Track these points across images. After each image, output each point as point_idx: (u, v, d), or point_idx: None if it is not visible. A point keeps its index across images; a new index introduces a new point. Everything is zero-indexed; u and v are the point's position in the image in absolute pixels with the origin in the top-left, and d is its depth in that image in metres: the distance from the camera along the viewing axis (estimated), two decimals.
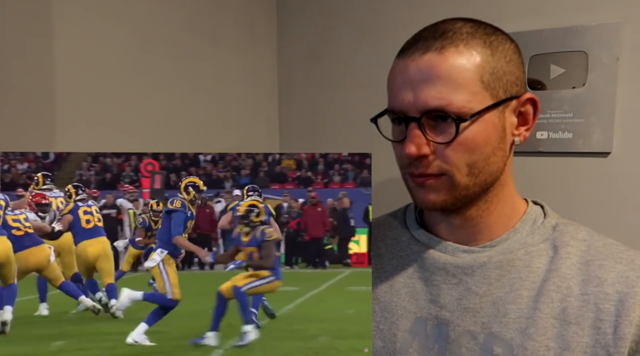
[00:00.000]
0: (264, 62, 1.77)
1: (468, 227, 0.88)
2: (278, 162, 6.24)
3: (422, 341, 0.87)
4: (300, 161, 6.28)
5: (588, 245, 0.85)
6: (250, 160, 6.20)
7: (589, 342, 0.78)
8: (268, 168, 6.26)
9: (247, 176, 6.12)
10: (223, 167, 6.18)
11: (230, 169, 6.15)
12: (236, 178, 6.05)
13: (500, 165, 0.83)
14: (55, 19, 1.29)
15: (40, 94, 1.29)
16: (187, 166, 6.04)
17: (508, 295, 0.83)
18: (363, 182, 6.02)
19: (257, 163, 6.25)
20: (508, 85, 0.80)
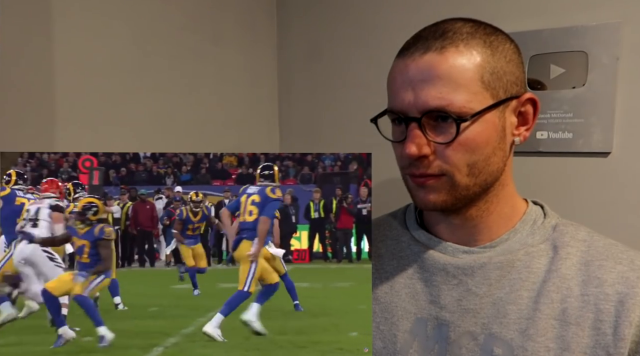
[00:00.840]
0: (264, 62, 1.77)
1: (468, 227, 0.88)
2: (219, 158, 6.23)
3: (422, 342, 0.87)
4: (241, 158, 6.26)
5: (588, 246, 0.85)
6: (191, 157, 6.19)
7: (588, 343, 0.78)
8: (209, 165, 6.25)
9: (188, 173, 6.14)
10: (164, 163, 6.16)
11: (171, 166, 6.14)
12: (177, 175, 6.06)
13: (500, 165, 0.83)
14: (55, 19, 1.29)
15: (40, 94, 1.29)
16: (126, 162, 6.01)
17: (508, 296, 0.83)
18: (304, 179, 6.01)
19: (198, 160, 6.23)
20: (508, 85, 0.80)
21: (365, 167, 6.08)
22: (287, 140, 1.81)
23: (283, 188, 4.22)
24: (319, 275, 4.00)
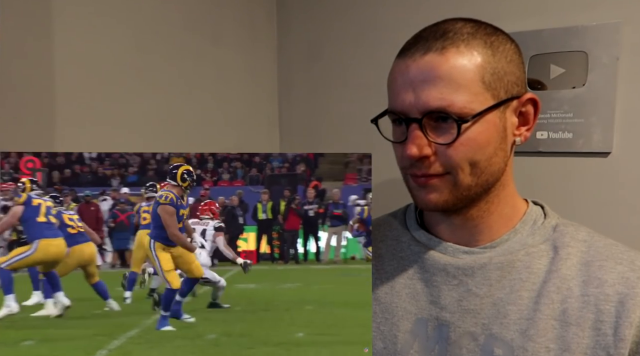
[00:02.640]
0: (264, 62, 1.77)
1: (468, 227, 0.88)
2: (166, 160, 6.12)
3: (422, 343, 0.87)
4: (189, 159, 6.24)
5: (588, 246, 0.85)
6: (138, 158, 6.13)
7: (589, 343, 0.78)
8: (157, 166, 6.17)
9: (135, 174, 6.06)
10: (110, 164, 6.08)
11: (117, 167, 6.06)
12: (124, 176, 5.98)
13: (501, 165, 0.83)
14: (55, 19, 1.29)
15: (40, 94, 1.29)
16: (71, 163, 5.92)
17: (508, 296, 0.83)
18: (252, 181, 5.98)
19: (144, 161, 6.16)
20: (509, 86, 0.80)
21: (312, 168, 6.10)
22: (287, 140, 1.81)
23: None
24: (265, 276, 4.00)
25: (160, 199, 2.05)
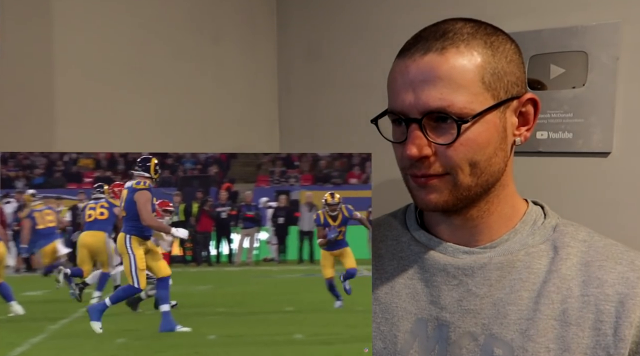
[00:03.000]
0: (264, 62, 1.77)
1: (468, 227, 0.88)
2: (74, 161, 6.10)
3: (422, 343, 0.87)
4: (98, 160, 6.12)
5: (588, 246, 0.85)
6: (44, 159, 6.04)
7: (589, 343, 0.78)
8: (65, 167, 6.10)
9: (41, 175, 5.97)
10: (14, 165, 5.96)
11: (21, 168, 5.95)
12: (30, 178, 5.89)
13: (501, 165, 0.83)
14: (55, 19, 1.29)
15: (40, 94, 1.29)
16: None
17: (508, 296, 0.83)
18: (164, 182, 5.86)
19: (51, 163, 6.07)
20: (509, 86, 0.80)
21: (225, 170, 6.08)
22: (287, 140, 1.81)
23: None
24: (178, 278, 4.00)
25: (138, 185, 2.03)
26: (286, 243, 5.40)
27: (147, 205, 2.01)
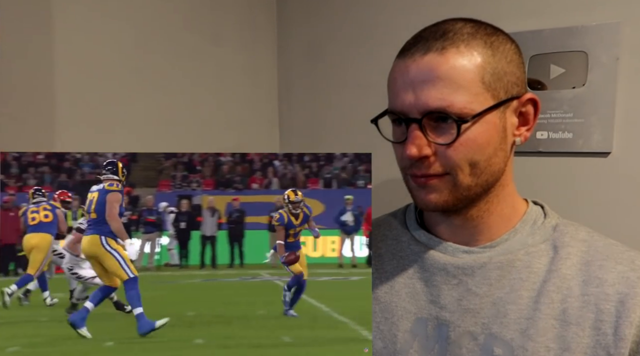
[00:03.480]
0: (264, 62, 1.77)
1: (468, 227, 0.88)
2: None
3: (422, 342, 0.87)
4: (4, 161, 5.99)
5: (588, 246, 0.85)
6: None
7: (589, 343, 0.78)
8: None
9: None
10: None
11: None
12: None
13: (501, 165, 0.83)
14: (55, 19, 1.29)
15: (40, 94, 1.29)
16: None
17: (508, 296, 0.83)
18: (61, 186, 5.71)
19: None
20: (509, 86, 0.80)
21: (126, 175, 6.00)
22: (287, 140, 1.81)
23: None
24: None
25: (111, 187, 2.07)
26: (188, 248, 5.40)
27: (115, 204, 2.06)
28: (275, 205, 5.62)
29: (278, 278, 4.49)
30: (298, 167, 6.99)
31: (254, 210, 5.72)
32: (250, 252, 5.62)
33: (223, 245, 5.52)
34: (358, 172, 6.96)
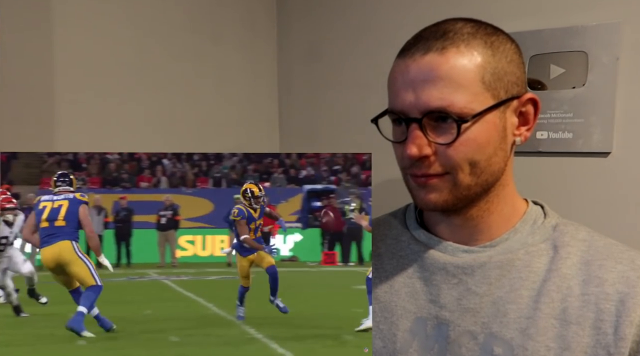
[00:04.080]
0: (264, 61, 1.77)
1: (468, 226, 0.88)
2: None
3: (422, 341, 0.87)
4: None
5: (588, 245, 0.85)
6: None
7: (589, 342, 0.78)
8: None
9: None
10: None
11: None
12: None
13: (501, 165, 0.83)
14: (55, 19, 1.29)
15: (40, 94, 1.29)
16: None
17: (508, 295, 0.83)
18: None
19: None
20: (509, 86, 0.80)
21: (4, 171, 5.93)
22: (287, 140, 1.81)
23: None
24: None
25: (83, 197, 2.17)
26: None
27: (90, 218, 2.18)
28: (164, 204, 5.66)
29: (166, 277, 4.50)
30: (187, 166, 6.92)
31: (142, 208, 5.70)
32: (137, 251, 5.59)
33: (109, 244, 5.47)
34: (247, 171, 6.93)
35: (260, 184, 2.67)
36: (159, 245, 5.63)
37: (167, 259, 5.60)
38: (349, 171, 7.12)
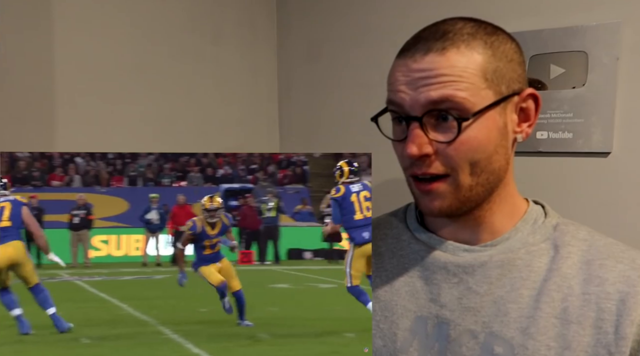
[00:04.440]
0: (264, 61, 1.77)
1: (469, 226, 0.88)
2: None
3: (422, 340, 0.87)
4: None
5: (589, 245, 0.85)
6: None
7: (590, 342, 0.78)
8: None
9: None
10: None
11: None
12: None
13: (502, 163, 0.83)
14: (55, 19, 1.29)
15: (40, 94, 1.29)
16: None
17: (509, 294, 0.83)
18: None
19: None
20: (510, 83, 0.80)
21: None
22: (287, 140, 1.81)
23: None
24: None
25: (23, 199, 2.22)
26: None
27: (33, 218, 2.23)
28: (77, 203, 5.53)
29: (78, 278, 4.42)
30: (102, 164, 6.77)
31: (54, 208, 5.56)
32: None
33: None
34: (163, 170, 6.84)
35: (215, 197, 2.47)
36: (72, 245, 5.48)
37: (80, 259, 5.47)
38: (266, 170, 7.05)
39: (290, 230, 5.93)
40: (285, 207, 6.16)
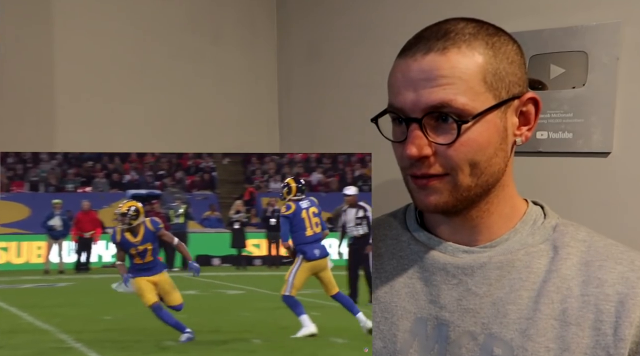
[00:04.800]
0: (264, 61, 1.77)
1: (468, 227, 0.88)
2: None
3: (422, 342, 0.87)
4: None
5: (588, 246, 0.85)
6: None
7: (589, 343, 0.78)
8: None
9: None
10: None
11: None
12: None
13: (501, 165, 0.83)
14: (55, 19, 1.29)
15: (40, 94, 1.29)
16: None
17: (508, 296, 0.83)
18: None
19: None
20: (510, 86, 0.80)
21: None
22: (287, 140, 1.81)
23: None
24: None
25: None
26: None
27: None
28: None
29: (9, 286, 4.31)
30: (1, 169, 6.42)
31: None
32: None
33: None
34: (67, 175, 6.65)
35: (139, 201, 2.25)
36: None
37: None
38: (174, 176, 6.90)
39: (199, 237, 5.79)
40: (194, 213, 6.07)
